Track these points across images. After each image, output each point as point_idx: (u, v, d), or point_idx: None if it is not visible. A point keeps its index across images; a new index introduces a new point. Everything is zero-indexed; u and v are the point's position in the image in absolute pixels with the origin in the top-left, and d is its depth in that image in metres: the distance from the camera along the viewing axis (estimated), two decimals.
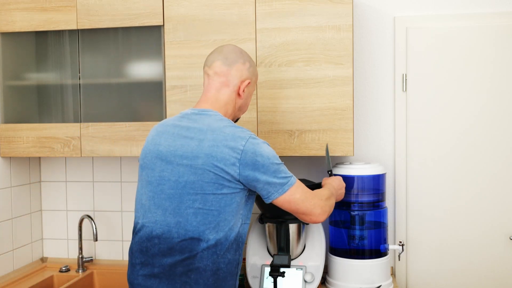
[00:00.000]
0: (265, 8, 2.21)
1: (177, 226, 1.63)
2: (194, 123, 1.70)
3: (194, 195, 1.63)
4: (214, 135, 1.64)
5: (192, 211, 1.62)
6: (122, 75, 2.42)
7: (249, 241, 2.32)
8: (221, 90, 1.78)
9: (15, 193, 2.58)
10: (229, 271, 1.67)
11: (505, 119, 2.42)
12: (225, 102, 1.77)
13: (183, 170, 1.64)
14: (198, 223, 1.62)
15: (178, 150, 1.66)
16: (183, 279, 1.63)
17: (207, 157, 1.62)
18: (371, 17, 2.52)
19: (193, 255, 1.62)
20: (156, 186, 1.68)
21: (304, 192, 1.71)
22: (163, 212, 1.66)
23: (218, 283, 1.65)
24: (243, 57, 1.82)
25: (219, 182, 1.62)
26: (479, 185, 2.44)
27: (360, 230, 2.29)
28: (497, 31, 2.41)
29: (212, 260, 1.63)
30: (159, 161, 1.69)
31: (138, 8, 2.30)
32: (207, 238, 1.62)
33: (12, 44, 2.49)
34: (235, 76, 1.78)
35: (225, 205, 1.63)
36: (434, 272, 2.50)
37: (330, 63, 2.18)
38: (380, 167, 2.33)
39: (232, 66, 1.78)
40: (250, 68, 1.82)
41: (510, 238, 2.43)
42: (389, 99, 2.52)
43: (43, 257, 2.80)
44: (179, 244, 1.63)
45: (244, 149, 1.63)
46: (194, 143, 1.65)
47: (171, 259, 1.64)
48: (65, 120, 2.44)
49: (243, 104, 1.85)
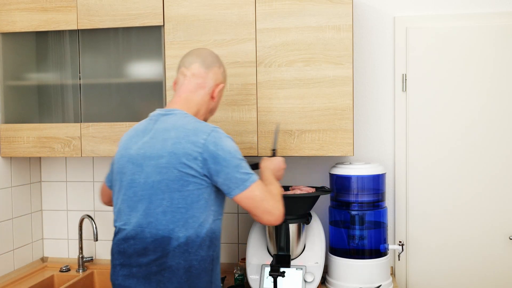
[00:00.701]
0: (265, 8, 2.21)
1: (149, 226, 1.66)
2: (160, 124, 1.74)
3: (162, 194, 1.65)
4: (177, 132, 1.68)
5: (161, 210, 1.65)
6: (123, 75, 2.42)
7: (249, 241, 2.32)
8: (196, 92, 1.82)
9: (16, 193, 2.59)
10: (202, 268, 1.68)
11: (505, 119, 2.42)
12: (198, 103, 1.82)
13: (150, 171, 1.67)
14: (167, 222, 1.64)
15: (146, 152, 1.69)
16: (158, 277, 1.65)
17: (170, 155, 1.65)
18: (371, 17, 2.52)
19: (165, 253, 1.65)
20: (129, 189, 1.71)
21: (264, 190, 1.70)
22: (136, 214, 1.69)
23: (191, 280, 1.66)
24: (219, 62, 1.89)
25: (184, 179, 1.64)
26: (479, 185, 2.45)
27: (360, 230, 2.30)
28: (497, 31, 2.41)
29: (184, 258, 1.65)
30: (130, 164, 1.72)
31: (138, 8, 2.30)
32: (177, 236, 1.64)
33: (13, 44, 2.50)
34: (212, 79, 1.83)
35: (192, 202, 1.65)
36: (434, 272, 2.50)
37: (330, 63, 2.18)
38: (380, 167, 2.33)
39: (210, 69, 1.83)
40: (223, 73, 1.90)
41: (510, 238, 2.43)
42: (389, 99, 2.53)
43: (43, 257, 2.80)
44: (152, 244, 1.65)
45: (206, 142, 1.65)
46: (159, 143, 1.68)
47: (146, 259, 1.66)
48: (65, 120, 2.44)
49: (214, 107, 1.90)
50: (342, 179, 2.32)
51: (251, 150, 2.25)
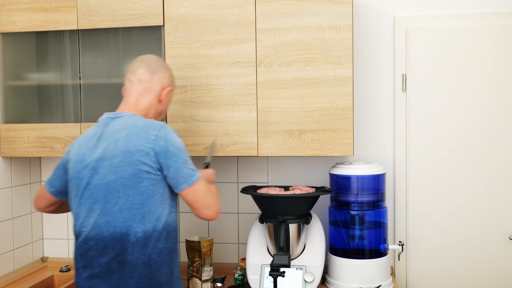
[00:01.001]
0: (265, 8, 2.21)
1: (107, 225, 1.71)
2: (110, 127, 1.80)
3: (117, 192, 1.70)
4: (127, 131, 1.74)
5: (118, 207, 1.70)
6: (123, 75, 2.41)
7: (249, 241, 2.32)
8: (143, 96, 1.88)
9: (16, 193, 2.59)
10: (162, 261, 1.73)
11: (505, 118, 2.42)
12: (146, 107, 1.88)
13: (105, 172, 1.72)
14: (124, 219, 1.70)
15: (100, 155, 1.75)
16: (118, 274, 1.70)
17: (123, 154, 1.71)
18: (371, 17, 2.52)
19: (124, 249, 1.70)
20: (85, 192, 1.76)
21: (206, 186, 1.78)
22: (93, 215, 1.73)
23: (152, 273, 1.71)
24: (165, 66, 1.95)
25: (138, 176, 1.69)
26: (479, 185, 2.45)
27: (360, 230, 2.30)
28: (497, 31, 2.41)
29: (143, 252, 1.70)
30: (85, 169, 1.77)
31: (138, 8, 2.30)
32: (134, 231, 1.69)
33: (13, 44, 2.50)
34: (158, 83, 1.90)
35: (148, 197, 1.70)
36: (434, 272, 2.50)
37: (330, 63, 2.18)
38: (380, 167, 2.33)
39: (155, 73, 1.90)
40: (170, 77, 1.96)
41: (510, 238, 2.43)
42: (389, 99, 2.53)
43: (43, 256, 2.80)
44: (111, 242, 1.70)
45: (156, 138, 1.72)
46: (111, 144, 1.74)
47: (106, 257, 1.71)
48: (65, 120, 2.44)
49: (163, 110, 1.96)
50: (342, 179, 2.32)
51: (251, 150, 2.25)
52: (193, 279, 2.29)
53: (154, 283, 1.72)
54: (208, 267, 2.30)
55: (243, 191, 2.25)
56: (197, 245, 2.28)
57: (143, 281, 1.70)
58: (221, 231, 2.67)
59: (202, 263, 2.28)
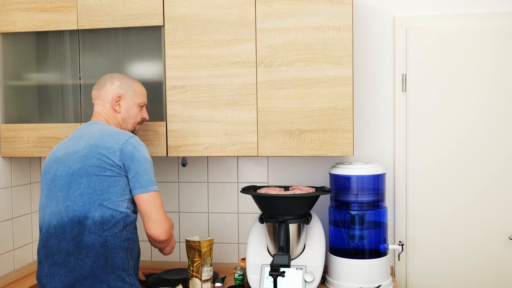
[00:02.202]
0: (265, 8, 2.21)
1: (67, 209, 1.82)
2: (86, 130, 1.98)
3: (80, 178, 1.83)
4: (101, 133, 1.92)
5: (79, 193, 1.82)
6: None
7: (249, 241, 2.32)
8: (101, 110, 2.07)
9: (16, 193, 2.59)
10: (118, 244, 1.82)
11: (505, 119, 2.42)
12: (107, 117, 2.06)
13: (72, 163, 1.87)
14: (84, 203, 1.81)
15: (70, 150, 1.91)
16: (75, 255, 1.79)
17: (92, 146, 1.87)
18: (371, 17, 2.52)
19: (82, 232, 1.79)
20: (51, 183, 1.88)
21: (161, 204, 1.90)
22: (56, 203, 1.85)
23: (108, 254, 1.80)
24: (112, 79, 2.09)
25: (101, 166, 1.84)
26: (479, 185, 2.45)
27: (360, 230, 2.30)
28: (497, 31, 2.41)
29: (99, 234, 1.79)
30: (55, 164, 1.91)
31: (138, 8, 2.30)
32: (92, 215, 1.80)
33: (13, 44, 2.50)
34: (106, 96, 2.07)
35: (109, 186, 1.83)
36: (434, 272, 2.50)
37: (330, 63, 2.18)
38: (380, 167, 2.33)
39: (102, 88, 2.08)
40: (121, 86, 2.08)
41: (510, 238, 2.43)
42: (389, 99, 2.53)
43: None
44: (70, 225, 1.80)
45: (126, 142, 1.89)
46: (83, 141, 1.91)
47: (65, 242, 1.80)
48: (65, 120, 2.44)
49: (126, 116, 2.09)
50: (342, 179, 2.32)
51: (251, 150, 2.25)
52: (193, 279, 2.29)
53: (109, 264, 1.79)
54: (208, 267, 2.30)
55: (243, 191, 2.25)
56: (197, 245, 2.28)
57: (99, 260, 1.78)
58: (221, 231, 2.67)
59: (202, 263, 2.28)
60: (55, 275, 1.80)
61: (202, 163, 2.68)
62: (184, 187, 2.69)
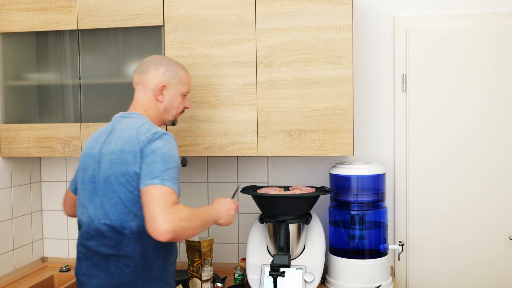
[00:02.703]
0: (265, 8, 2.21)
1: (105, 217, 1.76)
2: (118, 125, 1.85)
3: (112, 187, 1.75)
4: (129, 132, 1.78)
5: (113, 202, 1.74)
6: (123, 75, 2.42)
7: (249, 241, 2.32)
8: (141, 97, 1.91)
9: (16, 193, 2.59)
10: (157, 254, 1.77)
11: (505, 119, 2.42)
12: (147, 106, 1.90)
13: (105, 167, 1.78)
14: (119, 213, 1.73)
15: (104, 150, 1.81)
16: (114, 264, 1.75)
17: (120, 152, 1.75)
18: (371, 17, 2.52)
19: (121, 240, 1.74)
20: (89, 184, 1.82)
21: (165, 198, 1.60)
22: (94, 207, 1.79)
23: (147, 265, 1.76)
24: (157, 64, 1.91)
25: (129, 174, 1.71)
26: (479, 185, 2.45)
27: (360, 230, 2.30)
28: (497, 31, 2.41)
29: (139, 243, 1.74)
30: (92, 161, 1.83)
31: (138, 8, 2.30)
32: (129, 225, 1.73)
33: (13, 44, 2.50)
34: (150, 82, 1.90)
35: (139, 196, 1.69)
36: (434, 272, 2.50)
37: (330, 63, 2.18)
38: (380, 167, 2.33)
39: (145, 74, 1.90)
40: (166, 72, 1.91)
41: (510, 238, 2.43)
42: (389, 99, 2.53)
43: (43, 257, 2.80)
44: (109, 233, 1.75)
45: (150, 141, 1.71)
46: (114, 141, 1.80)
47: (105, 248, 1.76)
48: (65, 120, 2.44)
49: (168, 107, 1.93)
50: (342, 179, 2.32)
51: (251, 150, 2.25)
52: (193, 279, 2.29)
53: (148, 275, 1.76)
54: (208, 267, 2.30)
55: (243, 191, 2.25)
56: (197, 245, 2.28)
57: (139, 271, 1.74)
58: (221, 231, 2.67)
59: (202, 263, 2.28)
60: (94, 277, 1.77)
61: (202, 163, 2.68)
62: (184, 187, 2.69)
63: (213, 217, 1.81)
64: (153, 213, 1.56)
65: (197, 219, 1.68)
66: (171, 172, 1.66)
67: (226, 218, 1.87)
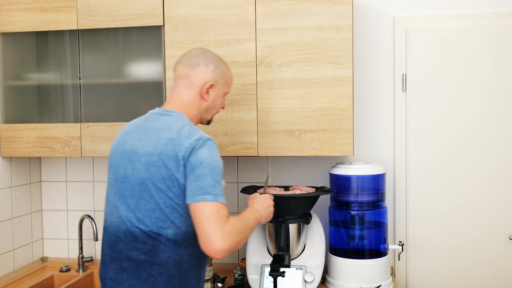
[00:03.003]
0: (265, 8, 2.21)
1: (138, 222, 1.66)
2: (156, 122, 1.73)
3: (149, 191, 1.65)
4: (170, 134, 1.67)
5: (150, 207, 1.65)
6: (123, 75, 2.43)
7: (249, 241, 2.32)
8: (184, 93, 1.80)
9: (16, 193, 2.59)
10: (193, 263, 1.70)
11: (505, 119, 2.42)
12: (188, 104, 1.79)
13: (141, 168, 1.67)
14: (156, 219, 1.65)
15: (139, 149, 1.70)
16: (147, 271, 1.65)
17: (160, 155, 1.65)
18: (371, 17, 2.52)
19: (156, 246, 1.65)
20: (121, 183, 1.71)
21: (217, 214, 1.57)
22: (126, 208, 1.69)
23: (182, 273, 1.67)
24: (207, 60, 1.82)
25: (170, 179, 1.63)
26: (479, 185, 2.45)
27: (360, 230, 2.30)
28: (497, 31, 2.41)
29: (175, 252, 1.66)
30: (124, 159, 1.72)
31: (138, 8, 2.30)
32: (166, 232, 1.65)
33: (13, 44, 2.50)
34: (197, 78, 1.79)
35: (178, 204, 1.64)
36: (434, 272, 2.50)
37: (330, 63, 2.18)
38: (380, 167, 2.33)
39: (194, 68, 1.79)
40: (215, 71, 1.82)
41: (510, 238, 2.43)
42: (389, 99, 2.53)
43: (43, 257, 2.80)
44: (142, 237, 1.66)
45: (194, 149, 1.62)
46: (152, 141, 1.68)
47: (137, 252, 1.66)
48: (65, 120, 2.44)
49: (210, 106, 1.85)
50: (342, 179, 2.32)
51: (251, 150, 2.25)
52: None
53: (183, 283, 1.68)
54: (208, 267, 2.30)
55: (243, 191, 2.25)
56: None
57: (173, 280, 1.66)
58: None
59: None
60: (123, 283, 1.67)
61: None
62: None
63: (257, 220, 1.79)
64: (209, 232, 1.55)
65: (246, 229, 1.69)
66: (219, 185, 1.63)
67: (266, 216, 1.86)
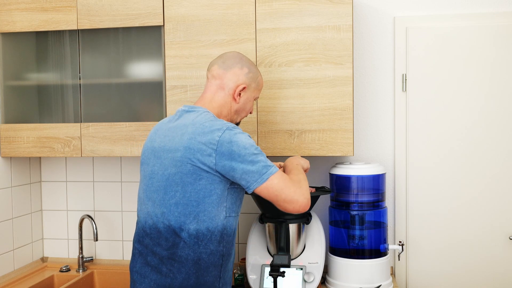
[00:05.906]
0: (265, 8, 2.21)
1: (162, 216, 1.72)
2: (182, 119, 1.78)
3: (175, 186, 1.70)
4: (194, 128, 1.71)
5: (174, 201, 1.70)
6: (122, 75, 2.43)
7: (249, 241, 2.32)
8: (216, 93, 1.85)
9: (16, 193, 2.59)
10: (211, 262, 1.72)
11: (505, 118, 2.42)
12: (219, 104, 1.85)
13: (167, 163, 1.72)
14: (179, 214, 1.69)
15: (166, 145, 1.75)
16: (168, 267, 1.71)
17: (185, 149, 1.69)
18: (371, 17, 2.52)
19: (176, 244, 1.70)
20: (149, 179, 1.78)
21: (283, 179, 1.69)
22: (152, 204, 1.75)
23: (200, 273, 1.70)
24: (242, 63, 1.87)
25: (196, 173, 1.67)
26: (479, 185, 2.45)
27: (360, 230, 2.30)
28: (497, 31, 2.41)
29: (194, 250, 1.69)
30: (153, 156, 1.78)
31: (138, 8, 2.30)
32: (187, 228, 1.69)
33: (13, 44, 2.50)
34: (231, 80, 1.84)
35: (204, 196, 1.68)
36: (434, 272, 2.50)
37: (330, 63, 2.18)
38: (380, 167, 2.33)
39: (229, 70, 1.85)
40: (248, 74, 1.87)
41: (510, 238, 2.43)
42: (389, 99, 2.53)
43: (43, 257, 2.80)
44: (165, 233, 1.71)
45: (220, 139, 1.66)
46: (177, 137, 1.73)
47: (159, 248, 1.72)
48: (65, 120, 2.44)
49: (240, 109, 1.90)
50: (342, 179, 2.32)
51: None
52: None
53: (200, 283, 1.71)
54: None
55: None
56: None
57: (190, 278, 1.70)
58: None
59: None
60: (146, 277, 1.74)
61: None
62: None
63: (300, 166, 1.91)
64: (290, 196, 1.68)
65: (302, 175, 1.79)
66: (264, 157, 1.70)
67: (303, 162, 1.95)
